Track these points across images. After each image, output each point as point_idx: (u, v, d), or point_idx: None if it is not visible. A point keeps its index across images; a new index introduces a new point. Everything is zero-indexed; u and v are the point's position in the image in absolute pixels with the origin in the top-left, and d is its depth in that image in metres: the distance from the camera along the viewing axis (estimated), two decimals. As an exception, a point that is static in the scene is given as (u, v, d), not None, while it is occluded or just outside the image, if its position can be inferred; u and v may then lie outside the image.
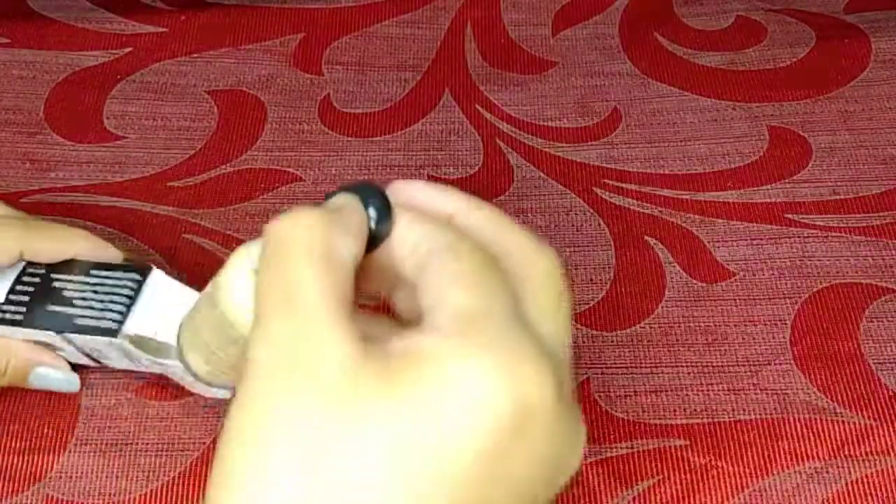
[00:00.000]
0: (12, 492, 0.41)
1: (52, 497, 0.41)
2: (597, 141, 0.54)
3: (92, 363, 0.43)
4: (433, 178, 0.53)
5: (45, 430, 0.43)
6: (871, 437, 0.42)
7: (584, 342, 0.46)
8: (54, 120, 0.55)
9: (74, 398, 0.44)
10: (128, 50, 0.59)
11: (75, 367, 0.43)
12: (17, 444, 0.43)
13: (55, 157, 0.53)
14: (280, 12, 0.61)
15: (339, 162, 0.54)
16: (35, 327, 0.41)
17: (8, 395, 0.44)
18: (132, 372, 0.44)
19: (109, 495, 0.42)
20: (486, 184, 0.52)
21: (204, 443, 0.43)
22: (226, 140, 0.55)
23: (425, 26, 0.61)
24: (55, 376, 0.43)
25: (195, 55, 0.59)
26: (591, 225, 0.50)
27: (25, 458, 0.42)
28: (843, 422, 0.43)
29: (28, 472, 0.42)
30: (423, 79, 0.58)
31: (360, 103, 0.57)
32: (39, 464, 0.42)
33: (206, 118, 0.56)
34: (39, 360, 0.42)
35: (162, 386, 0.45)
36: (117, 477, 0.42)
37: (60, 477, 0.42)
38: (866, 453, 0.42)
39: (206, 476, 0.42)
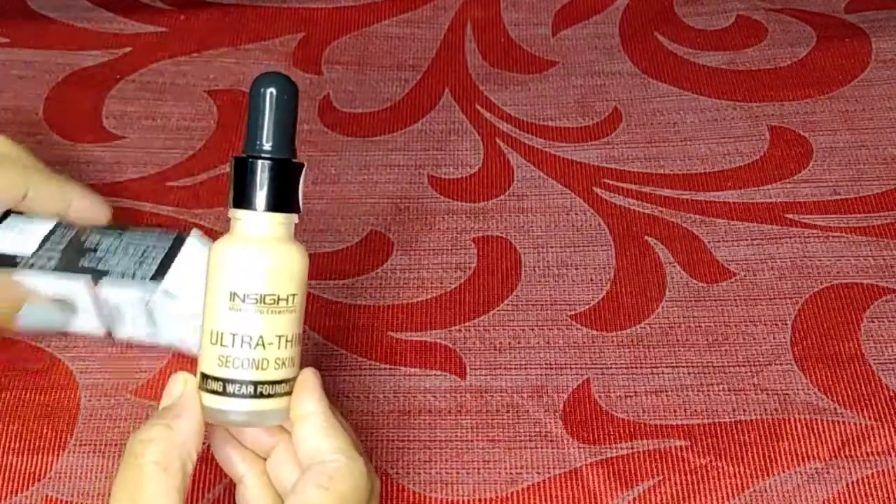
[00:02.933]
0: (12, 492, 0.41)
1: (52, 497, 0.41)
2: (597, 141, 0.54)
3: (102, 333, 0.43)
4: (433, 178, 0.53)
5: (45, 431, 0.43)
6: (871, 438, 0.42)
7: (584, 342, 0.46)
8: (54, 120, 0.55)
9: (74, 398, 0.44)
10: (127, 50, 0.59)
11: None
12: (17, 444, 0.43)
13: (55, 156, 0.53)
14: (280, 12, 0.61)
15: (339, 162, 0.54)
16: (68, 270, 0.42)
17: (8, 395, 0.44)
18: (132, 369, 0.44)
19: (109, 495, 0.42)
20: (486, 184, 0.52)
21: (204, 443, 0.43)
22: (225, 140, 0.55)
23: (425, 26, 0.61)
24: (45, 311, 0.42)
25: (195, 55, 0.59)
26: (591, 225, 0.50)
27: (25, 458, 0.42)
28: (843, 422, 0.43)
29: (28, 472, 0.42)
30: (423, 79, 0.58)
31: (360, 103, 0.57)
32: (39, 464, 0.42)
33: (206, 118, 0.56)
34: (27, 298, 0.42)
35: (162, 386, 0.45)
36: (117, 477, 0.42)
37: (60, 477, 0.42)
38: (867, 454, 0.42)
39: (205, 476, 0.42)
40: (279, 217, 0.35)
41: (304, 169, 0.35)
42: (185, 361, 0.46)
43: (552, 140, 0.54)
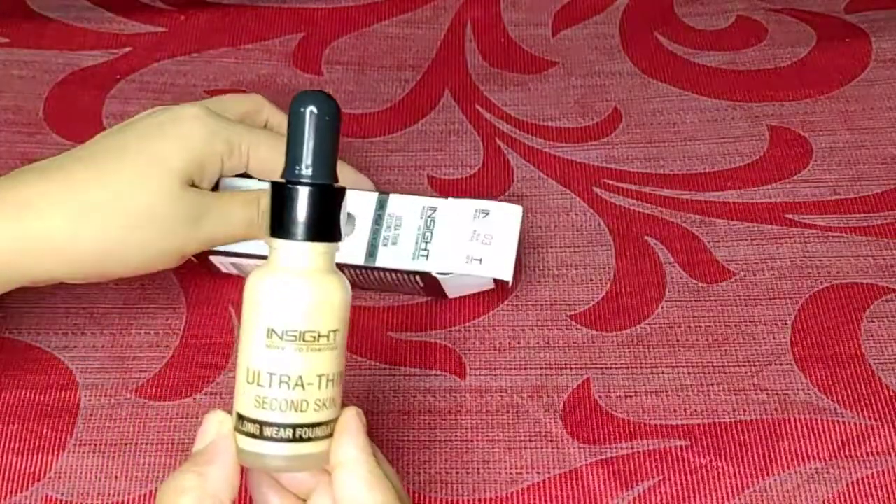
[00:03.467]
0: (12, 492, 0.41)
1: (52, 497, 0.41)
2: (597, 141, 0.54)
3: (361, 258, 0.44)
4: (433, 179, 0.53)
5: (45, 431, 0.43)
6: (871, 438, 0.42)
7: (584, 342, 0.46)
8: (54, 120, 0.55)
9: (74, 398, 0.44)
10: (127, 50, 0.59)
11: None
12: (17, 444, 0.43)
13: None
14: (280, 12, 0.61)
15: (339, 162, 0.53)
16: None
17: (8, 395, 0.44)
18: (132, 369, 0.44)
19: (109, 495, 0.42)
20: (486, 184, 0.52)
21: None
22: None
23: (425, 26, 0.61)
24: None
25: (195, 55, 0.59)
26: (591, 225, 0.50)
27: (25, 458, 0.42)
28: (843, 422, 0.43)
29: (27, 472, 0.42)
30: (423, 79, 0.58)
31: (360, 103, 0.57)
32: (39, 464, 0.42)
33: (206, 118, 0.56)
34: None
35: (162, 386, 0.45)
36: (117, 477, 0.42)
37: (60, 477, 0.42)
38: (867, 454, 0.42)
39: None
40: (320, 247, 0.33)
41: (346, 194, 0.34)
42: (186, 362, 0.46)
43: (552, 140, 0.54)
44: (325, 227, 0.33)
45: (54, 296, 0.47)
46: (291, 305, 0.32)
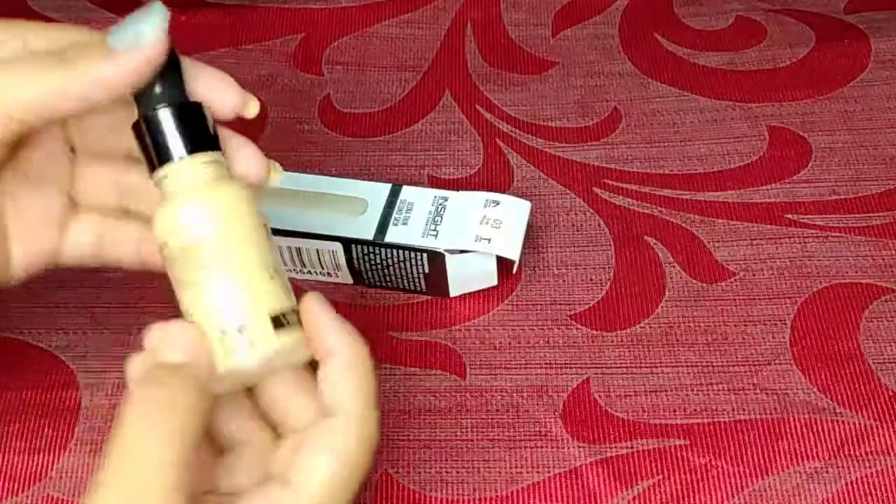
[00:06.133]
0: (12, 492, 0.42)
1: (53, 497, 0.42)
2: (597, 141, 0.54)
3: (371, 235, 0.45)
4: (433, 179, 0.53)
5: (46, 430, 0.43)
6: (871, 437, 0.42)
7: (584, 342, 0.46)
8: (54, 120, 0.55)
9: (75, 398, 0.44)
10: (128, 50, 0.59)
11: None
12: (18, 444, 0.43)
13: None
14: (280, 12, 0.61)
15: (339, 162, 0.54)
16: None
17: (8, 394, 0.44)
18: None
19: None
20: (486, 184, 0.52)
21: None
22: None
23: (425, 26, 0.61)
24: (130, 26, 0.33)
25: (195, 55, 0.59)
26: (591, 225, 0.51)
27: (26, 458, 0.42)
28: (843, 422, 0.43)
29: (28, 472, 0.42)
30: (423, 79, 0.58)
31: (360, 103, 0.57)
32: (40, 464, 0.42)
33: (207, 118, 0.56)
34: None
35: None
36: (117, 477, 0.42)
37: (61, 477, 0.42)
38: (866, 453, 0.42)
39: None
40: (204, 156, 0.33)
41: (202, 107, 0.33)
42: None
43: (552, 140, 0.54)
44: (204, 134, 0.33)
45: (55, 295, 0.48)
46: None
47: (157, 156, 0.32)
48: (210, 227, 0.32)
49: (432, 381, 0.45)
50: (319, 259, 0.47)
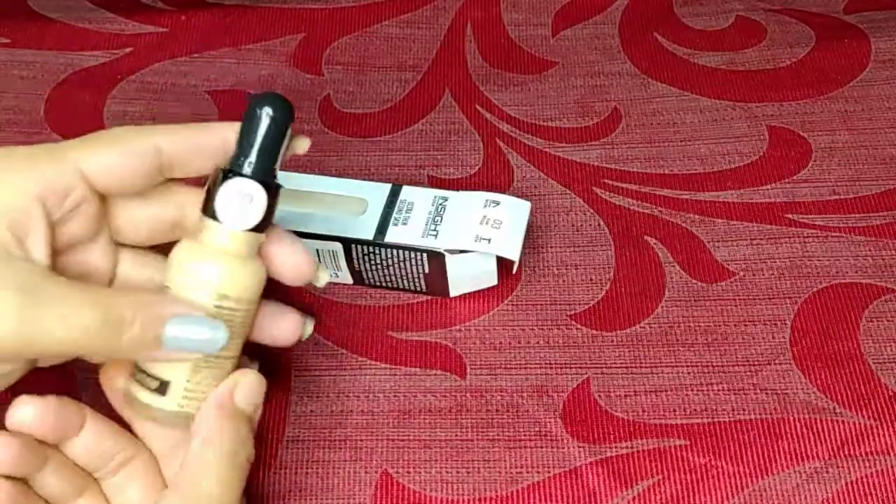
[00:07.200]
0: (13, 491, 0.42)
1: (53, 497, 0.42)
2: (597, 141, 0.54)
3: (371, 234, 0.46)
4: (433, 178, 0.53)
5: (46, 430, 0.43)
6: (871, 437, 0.42)
7: (584, 342, 0.46)
8: (54, 120, 0.55)
9: (75, 398, 0.44)
10: (128, 50, 0.59)
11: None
12: (18, 444, 0.43)
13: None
14: (280, 12, 0.61)
15: (339, 162, 0.54)
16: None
17: (9, 394, 0.44)
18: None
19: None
20: (486, 183, 0.52)
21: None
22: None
23: (425, 26, 0.61)
24: (195, 329, 0.34)
25: (195, 55, 0.59)
26: (591, 225, 0.51)
27: (26, 457, 0.42)
28: (843, 422, 0.43)
29: (28, 472, 0.42)
30: (423, 79, 0.58)
31: (360, 103, 0.57)
32: (40, 463, 0.42)
33: (207, 118, 0.56)
34: (172, 311, 0.34)
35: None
36: (118, 477, 0.42)
37: (61, 477, 0.42)
38: (866, 453, 0.42)
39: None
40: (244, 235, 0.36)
41: (279, 193, 0.37)
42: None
43: (552, 140, 0.54)
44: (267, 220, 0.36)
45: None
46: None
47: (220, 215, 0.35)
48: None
49: (432, 381, 0.45)
50: (319, 259, 0.47)
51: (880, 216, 0.50)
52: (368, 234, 0.45)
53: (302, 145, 0.37)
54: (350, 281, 0.48)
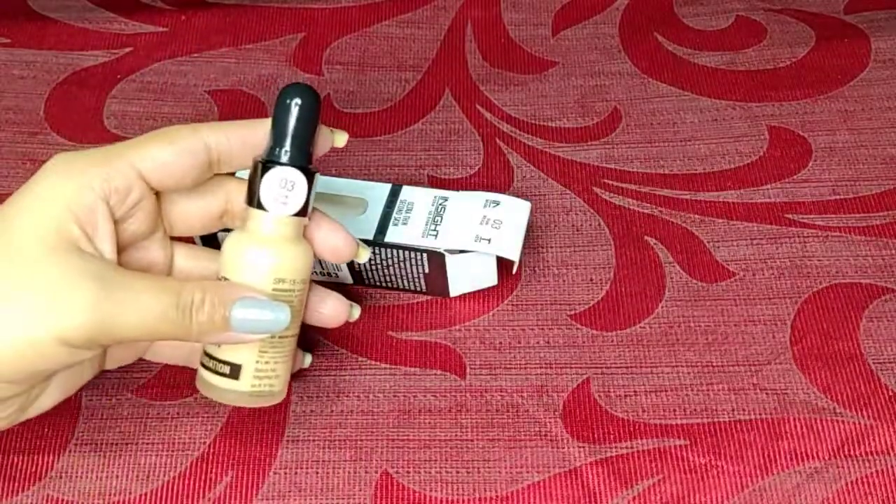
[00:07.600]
0: (12, 492, 0.42)
1: (53, 497, 0.42)
2: (597, 141, 0.54)
3: (371, 235, 0.46)
4: (433, 178, 0.53)
5: (45, 430, 0.43)
6: (871, 437, 0.42)
7: (584, 342, 0.46)
8: (54, 120, 0.55)
9: (74, 398, 0.44)
10: (128, 50, 0.59)
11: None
12: (18, 444, 0.43)
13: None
14: (280, 12, 0.61)
15: (339, 162, 0.54)
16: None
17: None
18: (132, 369, 0.44)
19: (109, 495, 0.42)
20: (486, 183, 0.52)
21: (204, 443, 0.43)
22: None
23: (425, 26, 0.61)
24: (259, 311, 0.35)
25: (195, 55, 0.59)
26: (591, 225, 0.51)
27: (25, 457, 0.43)
28: (843, 422, 0.43)
29: (28, 472, 0.42)
30: (423, 79, 0.58)
31: (360, 103, 0.57)
32: (39, 464, 0.42)
33: (207, 118, 0.56)
34: (239, 293, 0.36)
35: (162, 386, 0.45)
36: (117, 477, 0.42)
37: (61, 477, 0.42)
38: (866, 453, 0.42)
39: (206, 476, 0.42)
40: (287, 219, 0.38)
41: (316, 177, 0.38)
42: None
43: (552, 140, 0.54)
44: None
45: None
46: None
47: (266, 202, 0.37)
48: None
49: (432, 381, 0.45)
50: (320, 259, 0.47)
51: (880, 216, 0.50)
52: (368, 234, 0.45)
53: (340, 139, 0.39)
54: (350, 281, 0.48)
